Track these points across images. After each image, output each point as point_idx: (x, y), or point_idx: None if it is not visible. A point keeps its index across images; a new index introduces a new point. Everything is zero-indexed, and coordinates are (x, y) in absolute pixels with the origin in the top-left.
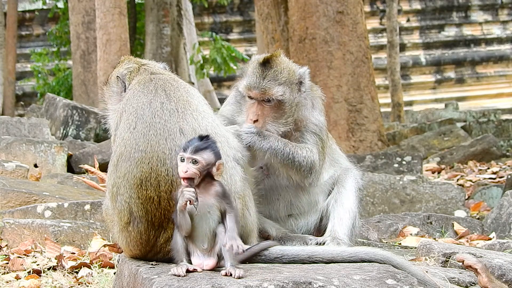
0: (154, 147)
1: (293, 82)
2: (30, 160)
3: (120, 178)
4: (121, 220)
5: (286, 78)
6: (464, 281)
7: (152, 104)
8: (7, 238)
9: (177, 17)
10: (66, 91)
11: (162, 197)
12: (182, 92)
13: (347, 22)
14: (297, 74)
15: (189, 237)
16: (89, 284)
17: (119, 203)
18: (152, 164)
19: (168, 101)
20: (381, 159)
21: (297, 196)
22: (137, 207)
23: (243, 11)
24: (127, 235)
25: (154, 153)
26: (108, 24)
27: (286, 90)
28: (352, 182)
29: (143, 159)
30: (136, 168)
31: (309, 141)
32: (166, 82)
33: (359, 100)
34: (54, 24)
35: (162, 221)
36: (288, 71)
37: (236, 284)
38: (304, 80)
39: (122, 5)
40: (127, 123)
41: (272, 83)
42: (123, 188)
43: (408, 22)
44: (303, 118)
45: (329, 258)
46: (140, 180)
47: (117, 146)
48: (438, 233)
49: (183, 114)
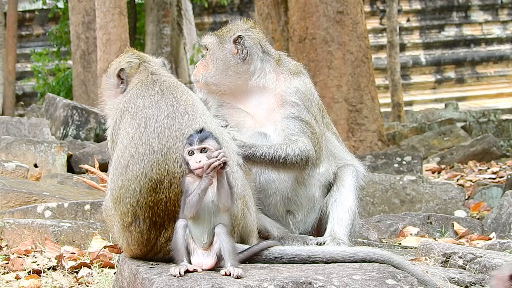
0: (171, 148)
1: (225, 39)
2: (30, 160)
3: (130, 181)
4: (123, 221)
5: (222, 34)
6: (464, 281)
7: (162, 105)
8: (7, 238)
9: (177, 17)
10: (66, 91)
11: (169, 198)
12: (187, 96)
13: (347, 22)
14: (233, 33)
15: (190, 230)
16: (89, 284)
17: (123, 206)
18: (169, 166)
19: (178, 104)
20: (381, 159)
21: (294, 190)
22: (144, 209)
23: (243, 11)
24: (128, 235)
25: (171, 154)
26: (108, 24)
27: (215, 42)
28: (351, 180)
29: (160, 161)
30: (152, 171)
31: (295, 132)
32: (170, 84)
33: (359, 100)
34: (54, 24)
35: (164, 221)
36: (228, 30)
37: (236, 284)
38: (242, 42)
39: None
40: (135, 123)
41: (208, 34)
42: (132, 192)
43: (408, 22)
44: (267, 88)
45: (329, 258)
46: (156, 183)
47: (125, 146)
48: (438, 233)
49: (193, 117)
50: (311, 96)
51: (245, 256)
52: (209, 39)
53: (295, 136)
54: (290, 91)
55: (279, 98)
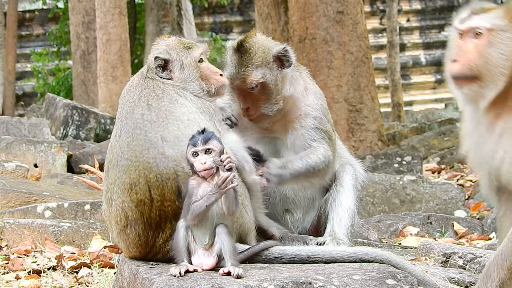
0: (138, 157)
1: (269, 60)
2: (30, 160)
3: (112, 184)
4: (118, 224)
5: (261, 58)
6: (464, 281)
7: (134, 113)
8: (7, 238)
9: (177, 17)
10: (66, 91)
11: (155, 199)
12: (166, 102)
13: (347, 22)
14: (272, 51)
15: (192, 231)
16: (89, 284)
17: (114, 208)
18: (139, 171)
19: (149, 111)
20: (381, 159)
21: (293, 189)
22: (131, 210)
23: (243, 11)
24: (126, 238)
25: (139, 162)
26: (108, 24)
27: (266, 71)
28: (350, 180)
29: (130, 167)
30: (125, 174)
31: (316, 138)
32: (152, 90)
33: (359, 100)
34: (54, 24)
35: (159, 222)
36: (263, 50)
37: (236, 284)
38: (284, 56)
39: (122, 5)
40: (115, 131)
41: (249, 69)
42: (115, 194)
43: (408, 22)
44: (295, 99)
45: (329, 258)
46: (130, 185)
47: (107, 152)
48: (438, 233)
49: (164, 123)
50: (324, 103)
51: (245, 256)
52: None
53: (315, 142)
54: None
55: (302, 109)
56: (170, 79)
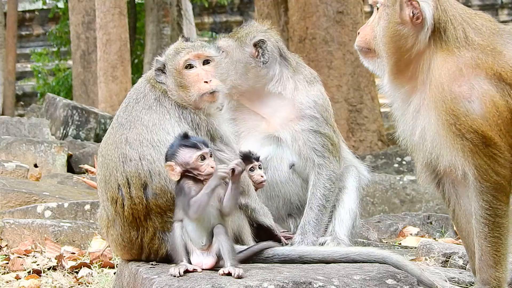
0: (109, 154)
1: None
2: (30, 160)
3: (98, 182)
4: (103, 225)
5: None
6: (464, 281)
7: (116, 117)
8: (7, 238)
9: (177, 17)
10: (66, 91)
11: (125, 198)
12: (140, 107)
13: (347, 22)
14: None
15: (188, 232)
16: (89, 284)
17: (100, 208)
18: (109, 168)
19: (124, 113)
20: (381, 159)
21: (297, 194)
22: (109, 209)
23: (243, 11)
24: (111, 239)
25: (110, 160)
26: (108, 24)
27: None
28: (353, 182)
29: (103, 163)
30: (101, 170)
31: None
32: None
33: (359, 100)
34: (54, 24)
35: (137, 220)
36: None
37: (236, 284)
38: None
39: (122, 5)
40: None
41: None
42: (99, 193)
43: None
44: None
45: (320, 258)
46: (104, 181)
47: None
48: (438, 233)
49: (129, 127)
50: (328, 107)
51: (244, 256)
52: (226, 42)
53: (320, 159)
54: (309, 104)
55: (297, 110)
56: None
